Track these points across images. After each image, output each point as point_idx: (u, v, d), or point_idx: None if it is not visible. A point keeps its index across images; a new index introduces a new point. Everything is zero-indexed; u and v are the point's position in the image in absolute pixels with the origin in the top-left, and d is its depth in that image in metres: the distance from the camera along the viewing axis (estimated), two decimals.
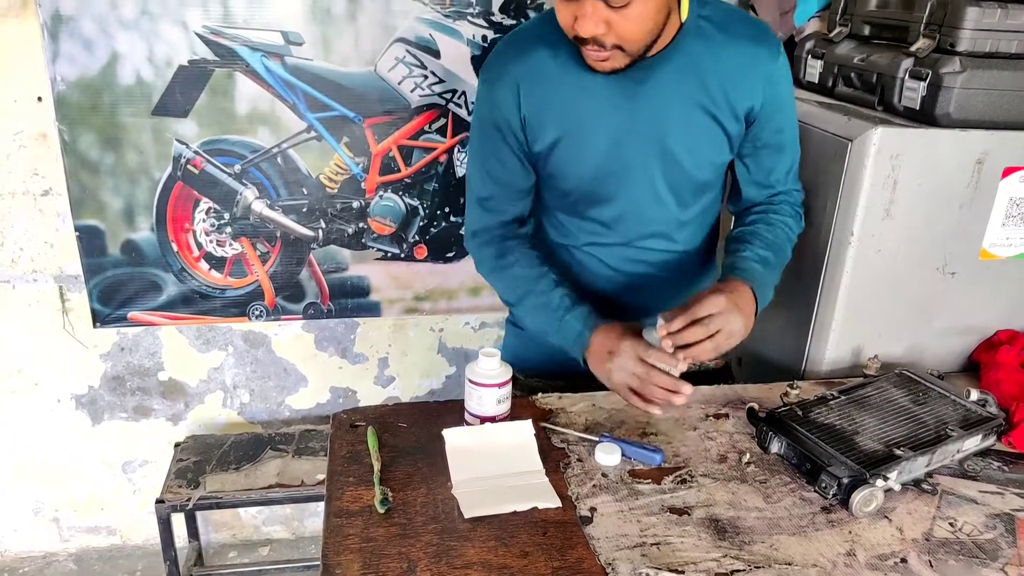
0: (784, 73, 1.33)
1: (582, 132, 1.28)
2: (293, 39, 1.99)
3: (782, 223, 1.41)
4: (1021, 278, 1.57)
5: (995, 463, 1.28)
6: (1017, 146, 1.45)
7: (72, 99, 1.96)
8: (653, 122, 1.28)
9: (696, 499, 1.14)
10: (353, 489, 1.15)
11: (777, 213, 1.42)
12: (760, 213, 1.42)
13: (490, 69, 1.32)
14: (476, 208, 1.41)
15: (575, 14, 1.12)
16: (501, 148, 1.33)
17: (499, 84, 1.29)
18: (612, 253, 1.41)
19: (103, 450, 2.36)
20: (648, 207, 1.36)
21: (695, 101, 1.27)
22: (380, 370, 2.43)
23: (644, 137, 1.29)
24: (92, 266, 2.12)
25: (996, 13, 1.40)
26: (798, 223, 1.45)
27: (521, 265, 1.37)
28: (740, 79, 1.27)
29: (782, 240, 1.39)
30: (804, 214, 1.47)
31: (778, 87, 1.32)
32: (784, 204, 1.43)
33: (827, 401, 1.32)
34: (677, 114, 1.28)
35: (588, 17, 1.10)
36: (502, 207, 1.39)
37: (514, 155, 1.33)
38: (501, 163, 1.34)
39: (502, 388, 1.25)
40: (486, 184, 1.37)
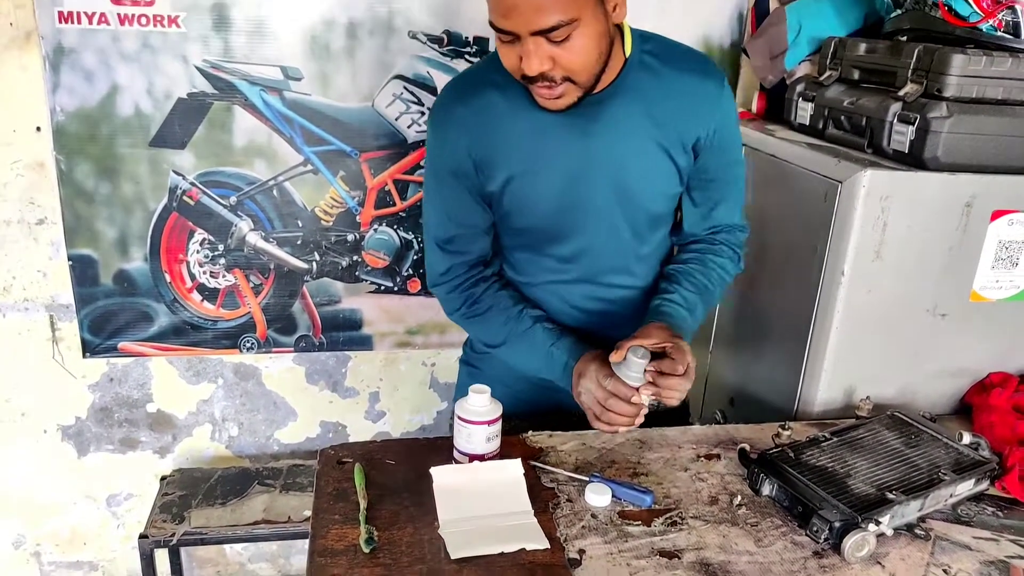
0: (729, 106, 1.35)
1: (536, 171, 1.29)
2: (292, 74, 2.01)
3: (718, 266, 1.42)
4: (1012, 321, 1.58)
5: (989, 508, 1.27)
6: (1005, 190, 1.47)
7: (71, 129, 1.97)
8: (607, 157, 1.29)
9: (687, 542, 1.13)
10: (338, 527, 1.13)
11: (715, 255, 1.42)
12: (698, 252, 1.43)
13: (438, 114, 1.32)
14: (438, 252, 1.39)
15: (519, 54, 1.13)
16: (457, 190, 1.32)
17: (449, 129, 1.30)
18: (572, 290, 1.41)
19: (88, 483, 2.32)
20: (606, 242, 1.36)
21: (646, 134, 1.29)
22: (371, 404, 2.41)
23: (599, 172, 1.29)
24: (84, 296, 2.12)
25: (982, 60, 1.43)
26: (736, 265, 1.45)
27: (496, 310, 1.37)
28: (687, 112, 1.29)
29: (714, 283, 1.41)
30: (744, 253, 1.47)
31: (723, 119, 1.33)
32: (724, 245, 1.44)
33: (819, 443, 1.32)
34: (630, 148, 1.29)
35: (532, 55, 1.12)
36: (465, 248, 1.37)
37: (471, 196, 1.33)
38: (459, 205, 1.34)
39: (491, 425, 1.25)
40: (447, 227, 1.36)
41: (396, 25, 2.00)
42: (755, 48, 2.03)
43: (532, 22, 1.10)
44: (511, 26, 1.11)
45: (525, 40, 1.11)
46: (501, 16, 1.11)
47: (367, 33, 2.00)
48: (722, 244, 1.44)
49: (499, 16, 1.12)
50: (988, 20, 1.47)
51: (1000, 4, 1.46)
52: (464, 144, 1.29)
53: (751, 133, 1.82)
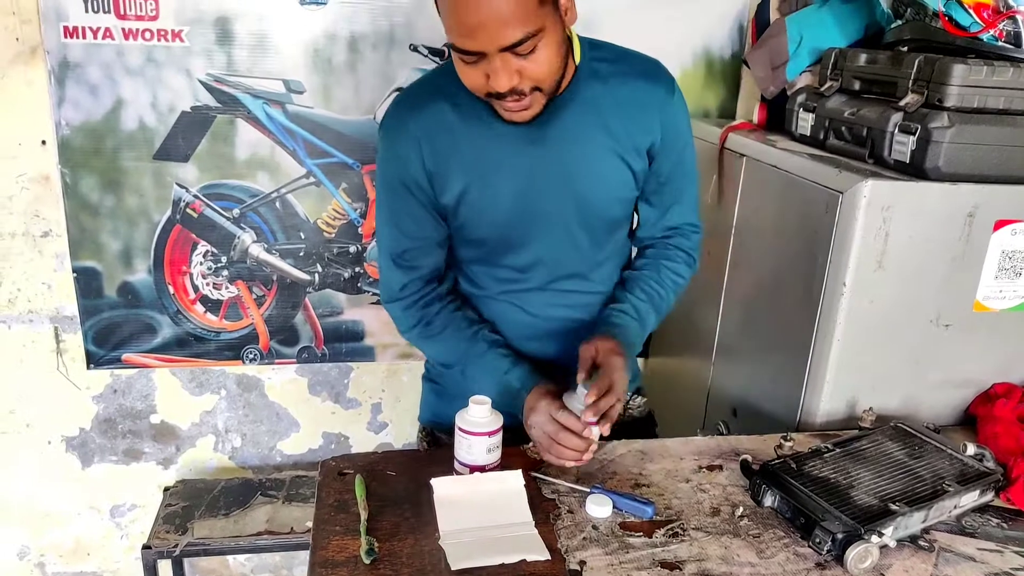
0: (680, 109, 1.35)
1: (489, 180, 1.28)
2: (294, 87, 2.03)
3: (671, 271, 1.43)
4: (1016, 331, 1.57)
5: (994, 520, 1.26)
6: (1008, 199, 1.47)
7: (75, 143, 1.98)
8: (561, 165, 1.29)
9: (688, 553, 1.13)
10: (339, 539, 1.13)
11: (669, 259, 1.43)
12: (651, 259, 1.44)
13: (389, 126, 1.31)
14: (391, 267, 1.36)
15: (485, 72, 1.13)
16: (410, 203, 1.31)
17: (400, 140, 1.28)
18: (529, 299, 1.40)
19: (91, 494, 2.33)
20: (563, 250, 1.36)
21: (599, 141, 1.29)
22: (373, 416, 2.41)
23: (553, 180, 1.29)
24: (88, 307, 2.13)
25: (983, 70, 1.43)
26: (690, 269, 1.46)
27: (451, 331, 1.36)
28: (638, 116, 1.29)
29: (667, 288, 1.42)
30: (699, 255, 1.48)
31: (675, 122, 1.34)
32: (678, 249, 1.44)
33: (822, 454, 1.31)
34: (583, 154, 1.29)
35: (501, 71, 1.11)
36: (418, 261, 1.36)
37: (424, 209, 1.32)
38: (412, 218, 1.32)
39: (492, 437, 1.24)
40: (400, 240, 1.34)
41: (397, 38, 2.02)
42: (756, 59, 2.03)
43: (499, 38, 1.09)
44: (477, 45, 1.10)
45: (492, 57, 1.10)
46: (465, 36, 1.10)
47: (369, 46, 2.01)
48: (676, 248, 1.45)
49: (463, 37, 1.10)
50: (989, 30, 1.47)
51: (1001, 14, 1.46)
52: (416, 156, 1.28)
53: (752, 144, 1.82)
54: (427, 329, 1.37)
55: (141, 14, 1.91)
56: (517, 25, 1.08)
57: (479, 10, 1.07)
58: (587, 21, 2.09)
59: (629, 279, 1.42)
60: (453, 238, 1.38)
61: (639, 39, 1.32)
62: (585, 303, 1.42)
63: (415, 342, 1.43)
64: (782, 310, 1.62)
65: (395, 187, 1.31)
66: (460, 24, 1.09)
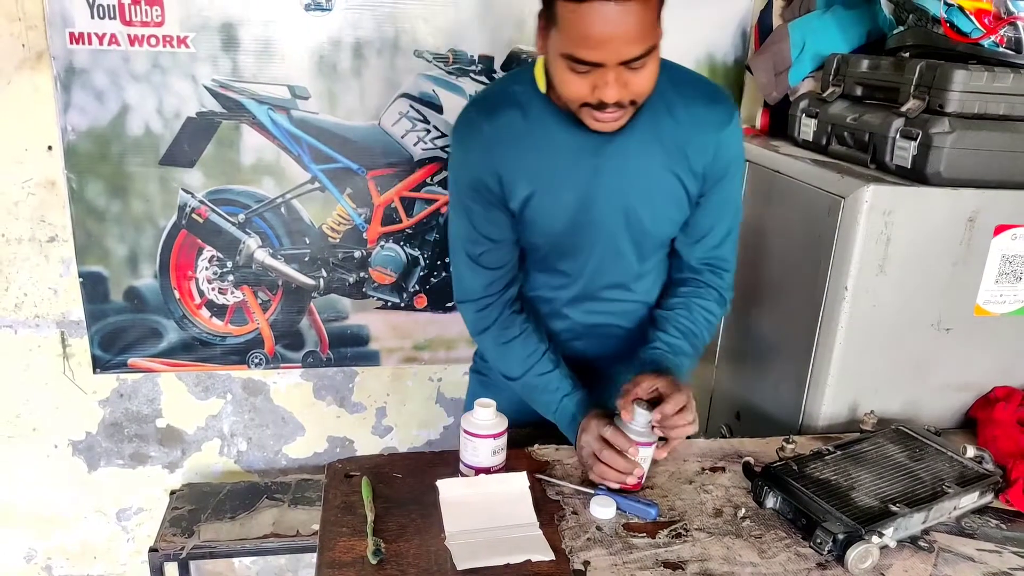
0: (736, 137, 1.36)
1: (552, 189, 1.31)
2: (299, 93, 2.04)
3: (703, 309, 1.42)
4: (1016, 335, 1.58)
5: (993, 521, 1.27)
6: (1008, 205, 1.48)
7: (81, 148, 2.00)
8: (618, 178, 1.30)
9: (691, 553, 1.14)
10: (346, 540, 1.14)
11: (701, 298, 1.43)
12: (684, 297, 1.43)
13: (462, 133, 1.33)
14: (469, 267, 1.39)
15: (594, 83, 1.14)
16: (485, 205, 1.34)
17: (473, 145, 1.31)
18: (571, 303, 1.44)
19: (98, 497, 2.34)
20: (610, 260, 1.38)
21: (657, 158, 1.30)
22: (378, 420, 2.43)
23: (609, 193, 1.31)
24: (94, 312, 2.14)
25: (983, 76, 1.44)
26: (722, 308, 1.46)
27: (522, 342, 1.39)
28: (696, 138, 1.30)
29: (700, 326, 1.41)
30: (731, 296, 1.47)
31: (728, 150, 1.34)
32: (710, 287, 1.44)
33: (823, 456, 1.32)
34: (640, 170, 1.30)
35: (613, 84, 1.13)
36: (495, 262, 1.39)
37: (498, 210, 1.34)
38: (488, 220, 1.35)
39: (497, 439, 1.26)
40: (477, 242, 1.37)
41: (402, 44, 2.03)
42: (759, 65, 2.05)
43: (623, 52, 1.10)
44: (598, 57, 1.11)
45: (607, 70, 1.12)
46: (589, 48, 1.10)
47: (374, 52, 2.03)
48: (708, 287, 1.44)
49: (586, 48, 1.11)
50: (990, 36, 1.48)
51: (1002, 20, 1.47)
52: (488, 160, 1.31)
53: (755, 149, 1.83)
54: (502, 334, 1.40)
55: (147, 20, 1.92)
56: (640, 41, 1.10)
57: (610, 24, 1.08)
58: None
59: (661, 318, 1.42)
60: None
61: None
62: (624, 311, 1.45)
63: (485, 345, 1.45)
64: (784, 314, 1.63)
65: (469, 190, 1.34)
66: (587, 37, 1.09)
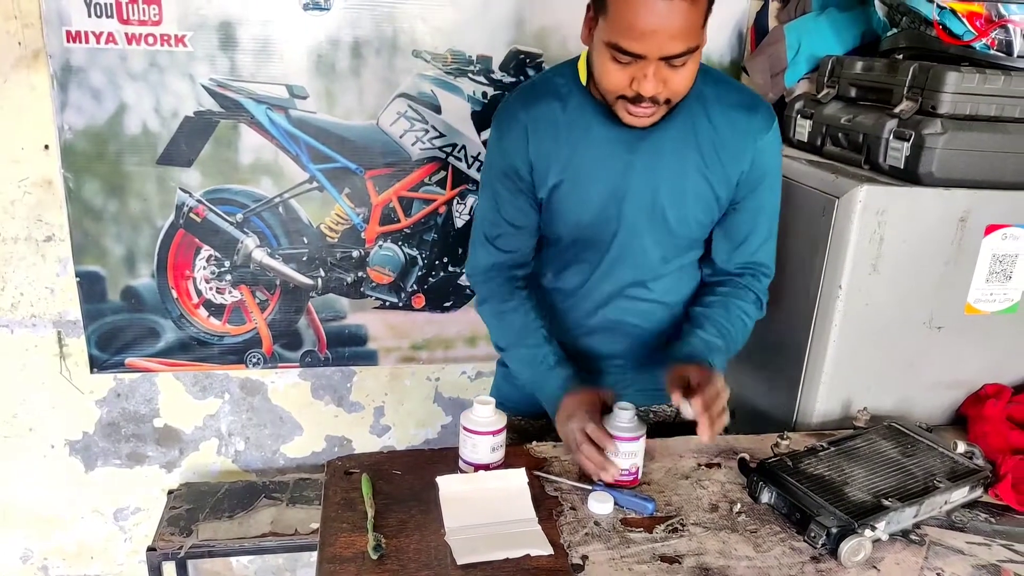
0: (773, 146, 1.37)
1: (581, 181, 1.33)
2: (298, 92, 2.05)
3: (740, 310, 1.43)
4: (1006, 333, 1.60)
5: (982, 515, 1.29)
6: (998, 205, 1.50)
7: (78, 148, 2.00)
8: (649, 176, 1.32)
9: (687, 548, 1.15)
10: (347, 535, 1.15)
11: (739, 299, 1.43)
12: (722, 296, 1.44)
13: (502, 117, 1.37)
14: (484, 245, 1.44)
15: (632, 76, 1.16)
16: (515, 192, 1.37)
17: (509, 131, 1.35)
18: (588, 297, 1.46)
19: (95, 497, 2.34)
20: (632, 257, 1.40)
21: (690, 159, 1.32)
22: (376, 419, 2.43)
23: (639, 190, 1.33)
24: (91, 312, 2.14)
25: (975, 78, 1.46)
26: (758, 311, 1.47)
27: (518, 313, 1.41)
28: (732, 144, 1.32)
29: (736, 327, 1.42)
30: (767, 300, 1.48)
31: (766, 158, 1.36)
32: (748, 290, 1.45)
33: (817, 452, 1.34)
34: (672, 169, 1.32)
35: (653, 78, 1.15)
36: (511, 246, 1.43)
37: (525, 197, 1.38)
38: (514, 206, 1.39)
39: (496, 436, 1.27)
40: (498, 224, 1.41)
41: (400, 44, 2.04)
42: (755, 66, 2.07)
43: (667, 47, 1.12)
44: (642, 49, 1.13)
45: (648, 63, 1.14)
46: (633, 39, 1.12)
47: (372, 52, 2.04)
48: (747, 288, 1.45)
49: (630, 39, 1.12)
50: (981, 39, 1.50)
51: (993, 23, 1.49)
52: (522, 147, 1.34)
53: None
54: (501, 304, 1.43)
55: (144, 19, 1.93)
56: (685, 38, 1.12)
57: (657, 17, 1.10)
58: None
59: (698, 315, 1.43)
60: None
61: None
62: (641, 310, 1.46)
63: (486, 316, 1.48)
64: (779, 312, 1.64)
65: (500, 177, 1.38)
66: (632, 27, 1.11)
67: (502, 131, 1.37)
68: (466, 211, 2.23)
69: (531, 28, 2.09)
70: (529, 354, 1.39)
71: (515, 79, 2.12)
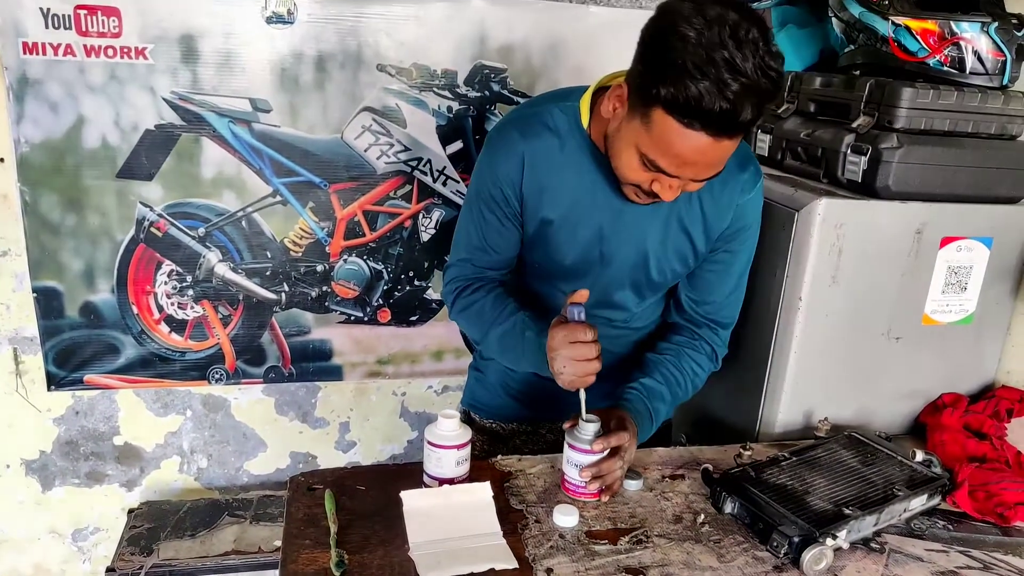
0: (756, 204, 1.39)
1: (571, 222, 1.33)
2: (261, 106, 2.04)
3: (692, 361, 1.44)
4: (961, 343, 1.64)
5: (940, 522, 1.31)
6: (953, 217, 1.53)
7: (35, 161, 1.97)
8: (633, 224, 1.34)
9: (652, 559, 1.15)
10: (309, 552, 1.14)
11: (693, 350, 1.45)
12: (677, 345, 1.46)
13: (498, 144, 1.34)
14: (464, 265, 1.42)
15: (655, 179, 1.16)
16: (502, 218, 1.36)
17: (507, 159, 1.32)
18: (556, 310, 1.42)
19: (52, 518, 2.29)
20: (608, 297, 1.41)
21: (674, 212, 1.33)
22: (341, 435, 2.41)
23: (623, 237, 1.34)
24: (49, 328, 2.10)
25: (929, 94, 1.50)
26: (712, 364, 1.48)
27: (488, 297, 1.40)
28: (718, 200, 1.33)
29: (686, 377, 1.43)
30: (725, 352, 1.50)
31: (747, 215, 1.38)
32: (704, 342, 1.46)
33: (779, 462, 1.35)
34: (656, 221, 1.34)
35: (676, 189, 1.16)
36: (487, 266, 1.42)
37: (513, 225, 1.37)
38: (500, 234, 1.38)
39: (461, 450, 1.26)
40: (483, 249, 1.40)
41: (365, 58, 2.04)
42: None
43: (700, 175, 1.14)
44: (677, 173, 1.13)
45: (676, 179, 1.14)
46: (674, 166, 1.12)
47: (336, 65, 2.04)
48: (703, 340, 1.46)
49: (672, 165, 1.12)
50: (935, 55, 1.54)
51: (946, 40, 1.53)
52: (517, 179, 1.32)
53: None
54: (464, 300, 1.41)
55: (103, 31, 1.91)
56: (717, 169, 1.14)
57: (701, 155, 1.09)
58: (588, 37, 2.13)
59: (649, 362, 1.44)
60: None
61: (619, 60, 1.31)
62: (610, 335, 1.43)
63: (460, 320, 1.46)
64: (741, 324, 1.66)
65: (489, 200, 1.35)
66: (676, 155, 1.10)
67: (497, 156, 1.33)
68: (432, 225, 2.22)
69: (495, 44, 2.10)
70: (504, 328, 1.36)
71: (480, 94, 2.13)
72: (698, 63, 1.01)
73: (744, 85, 1.01)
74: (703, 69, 1.01)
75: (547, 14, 2.10)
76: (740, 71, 1.01)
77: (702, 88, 1.01)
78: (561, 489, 1.30)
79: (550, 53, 2.13)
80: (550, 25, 2.11)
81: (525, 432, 1.62)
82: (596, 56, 2.11)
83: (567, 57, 2.14)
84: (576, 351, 1.22)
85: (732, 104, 1.02)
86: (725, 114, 1.03)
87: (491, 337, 1.39)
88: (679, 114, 1.05)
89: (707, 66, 1.01)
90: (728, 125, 1.05)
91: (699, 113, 1.04)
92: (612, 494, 1.28)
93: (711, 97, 1.02)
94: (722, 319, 1.47)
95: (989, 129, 1.54)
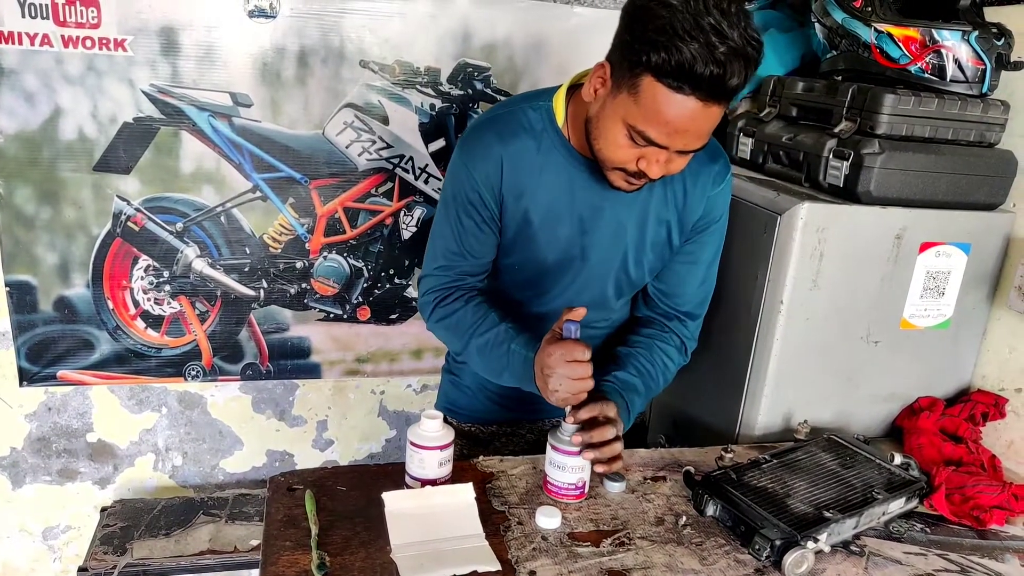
0: (725, 197, 1.40)
1: (550, 222, 1.33)
2: (242, 100, 2.01)
3: (663, 353, 1.45)
4: (939, 347, 1.65)
5: (918, 525, 1.33)
6: (932, 223, 1.55)
7: (10, 152, 1.93)
8: (613, 222, 1.34)
9: (634, 561, 1.16)
10: (289, 553, 1.13)
11: (663, 343, 1.45)
12: (647, 338, 1.46)
13: (474, 149, 1.32)
14: (441, 273, 1.40)
15: (641, 155, 1.16)
16: (479, 223, 1.35)
17: (484, 161, 1.31)
18: (536, 318, 1.44)
19: (23, 515, 2.25)
20: (587, 295, 1.41)
21: (652, 206, 1.34)
22: (319, 433, 2.39)
23: (602, 236, 1.35)
24: (22, 323, 2.07)
25: (911, 100, 1.51)
26: (682, 356, 1.49)
27: (468, 307, 1.39)
28: (690, 192, 1.34)
29: (658, 370, 1.43)
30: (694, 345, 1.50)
31: (716, 207, 1.39)
32: (674, 334, 1.47)
33: (760, 465, 1.36)
34: (635, 217, 1.34)
35: (663, 164, 1.16)
36: (464, 272, 1.40)
37: (490, 229, 1.36)
38: (477, 239, 1.36)
39: (444, 451, 1.26)
40: (460, 255, 1.38)
41: (348, 54, 2.03)
42: None
43: (690, 144, 1.14)
44: (667, 143, 1.13)
45: (663, 151, 1.14)
46: (663, 133, 1.12)
47: (319, 61, 2.02)
48: (673, 333, 1.47)
49: (659, 132, 1.11)
50: (916, 63, 1.55)
51: (927, 48, 1.54)
52: (495, 182, 1.31)
53: None
54: (443, 310, 1.40)
55: (82, 21, 1.87)
56: (704, 138, 1.14)
57: (691, 120, 1.09)
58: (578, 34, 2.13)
59: (621, 355, 1.43)
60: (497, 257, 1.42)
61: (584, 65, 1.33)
62: (588, 335, 1.41)
63: (437, 330, 1.44)
64: (722, 327, 1.67)
65: (466, 203, 1.34)
66: (666, 123, 1.10)
67: (473, 159, 1.32)
68: (413, 223, 2.21)
69: (478, 42, 2.09)
70: (485, 339, 1.35)
71: (463, 92, 2.12)
72: (687, 28, 1.03)
73: (732, 48, 1.03)
74: (692, 33, 1.03)
75: (531, 13, 2.10)
76: (727, 36, 1.03)
77: (693, 50, 1.03)
78: (543, 491, 1.30)
79: (533, 52, 2.13)
80: (534, 24, 2.11)
81: (505, 434, 1.62)
82: (579, 56, 2.11)
83: (550, 56, 2.14)
84: (572, 370, 1.22)
85: (722, 66, 1.04)
86: (715, 78, 1.04)
87: (471, 347, 1.38)
88: (669, 78, 1.06)
89: (695, 31, 1.03)
90: (717, 89, 1.06)
91: (689, 76, 1.05)
92: (610, 470, 1.25)
93: (701, 60, 1.03)
94: (691, 311, 1.48)
95: (968, 136, 1.56)
